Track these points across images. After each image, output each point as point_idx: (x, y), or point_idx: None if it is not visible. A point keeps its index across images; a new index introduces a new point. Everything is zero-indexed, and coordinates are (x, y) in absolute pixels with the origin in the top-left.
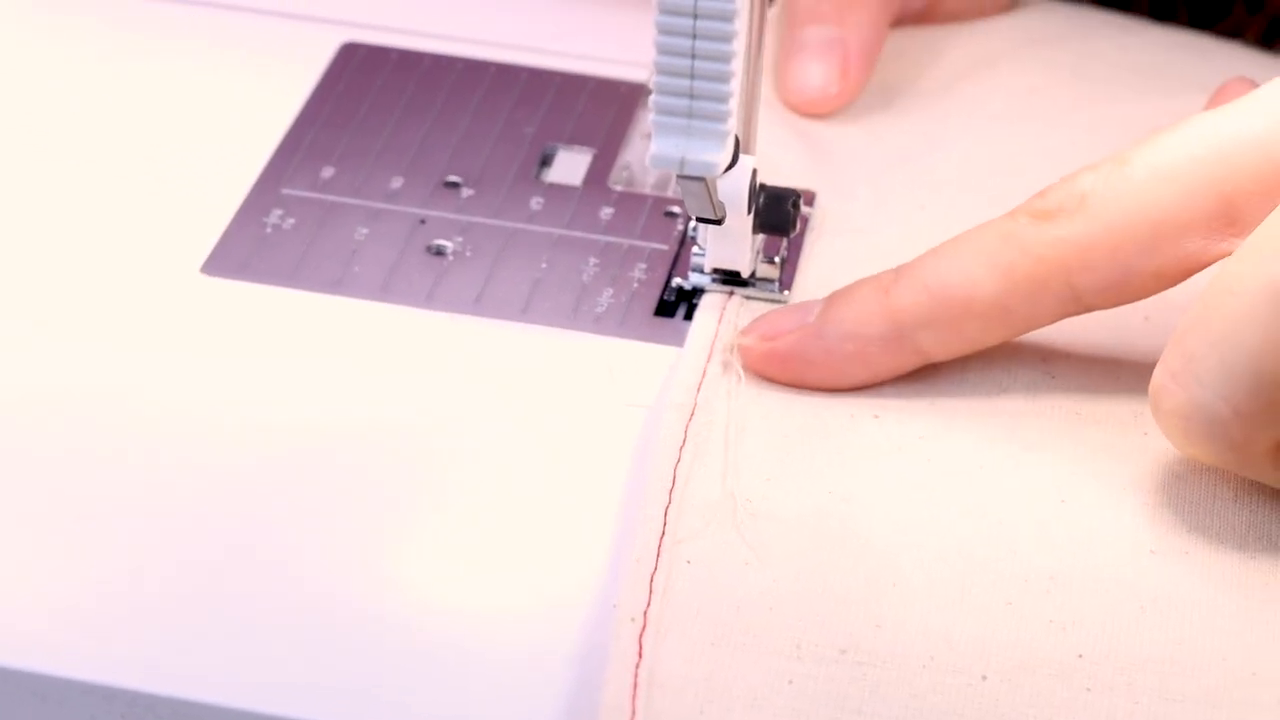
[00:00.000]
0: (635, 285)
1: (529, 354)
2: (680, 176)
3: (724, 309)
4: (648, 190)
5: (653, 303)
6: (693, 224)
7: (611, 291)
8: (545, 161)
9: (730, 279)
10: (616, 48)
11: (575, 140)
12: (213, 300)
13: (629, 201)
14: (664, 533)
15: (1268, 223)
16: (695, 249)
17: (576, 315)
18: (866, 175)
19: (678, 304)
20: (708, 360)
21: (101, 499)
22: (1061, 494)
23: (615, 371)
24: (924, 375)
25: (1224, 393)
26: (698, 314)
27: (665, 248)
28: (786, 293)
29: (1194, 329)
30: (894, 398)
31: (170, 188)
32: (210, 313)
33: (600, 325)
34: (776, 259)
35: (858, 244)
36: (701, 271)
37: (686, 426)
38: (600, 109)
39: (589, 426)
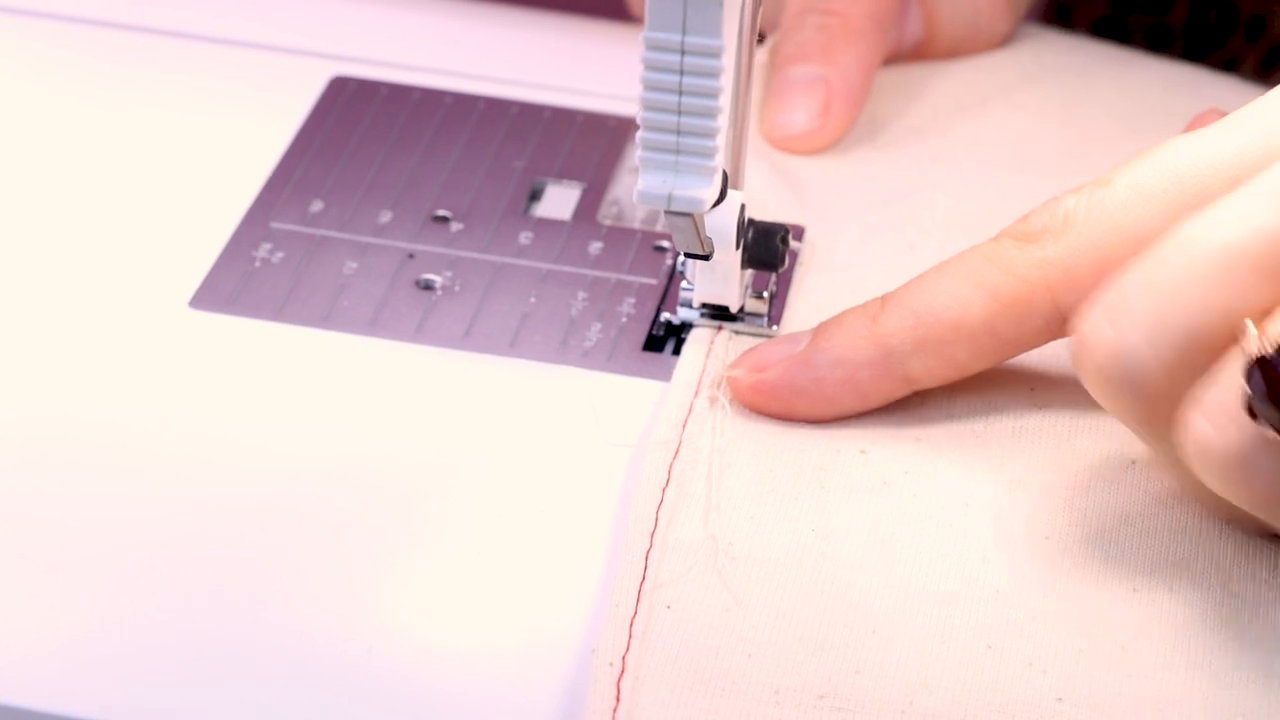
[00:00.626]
0: (624, 320)
1: (517, 389)
2: (668, 212)
3: (712, 344)
4: (636, 225)
5: (641, 337)
6: (681, 259)
7: (600, 326)
8: (534, 196)
9: (719, 314)
10: (605, 81)
11: (564, 175)
12: (201, 335)
13: (618, 236)
14: (644, 576)
15: (1234, 191)
16: (684, 284)
17: (565, 350)
18: (855, 212)
19: (666, 339)
20: (694, 396)
21: (88, 535)
22: (1046, 530)
23: (599, 409)
24: (911, 406)
25: (1153, 340)
26: (685, 348)
27: (654, 282)
28: (775, 327)
29: (1138, 277)
30: (881, 429)
31: (159, 221)
32: (198, 347)
33: (588, 360)
34: (765, 294)
35: (846, 279)
36: (690, 306)
37: (670, 465)
38: (589, 143)
39: (577, 463)
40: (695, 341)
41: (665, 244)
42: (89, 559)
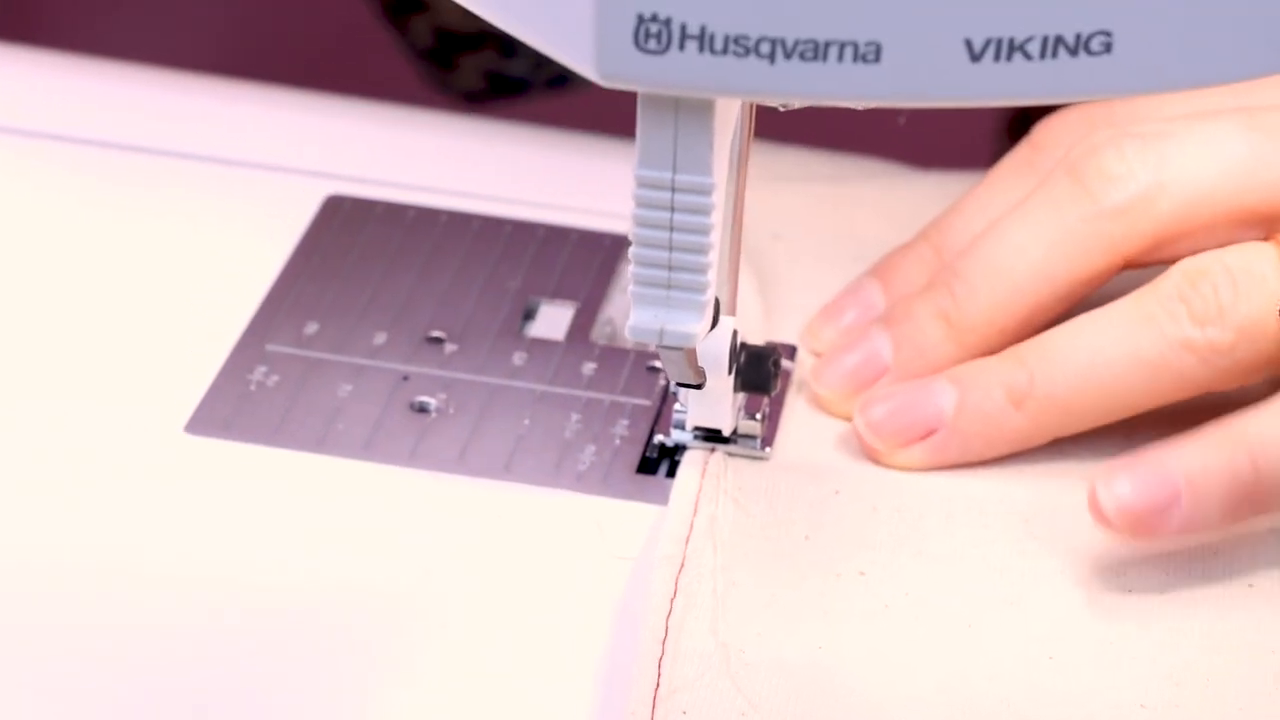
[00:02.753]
0: (617, 442)
1: (511, 514)
2: (660, 347)
3: (706, 464)
4: (630, 345)
5: (635, 460)
6: (674, 383)
7: (594, 449)
8: (528, 315)
9: (712, 436)
10: (599, 198)
11: (558, 294)
12: (196, 460)
13: (611, 356)
14: (658, 684)
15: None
16: (677, 405)
17: (559, 473)
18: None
19: (660, 461)
20: (693, 514)
21: (80, 661)
22: (1049, 650)
23: (603, 528)
24: (912, 518)
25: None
26: (681, 469)
27: (648, 403)
28: (769, 449)
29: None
30: (881, 549)
31: (153, 343)
32: (194, 472)
33: (583, 483)
34: (758, 416)
35: None
36: (684, 429)
37: (677, 578)
38: (583, 262)
39: (572, 587)
40: (690, 463)
41: (659, 364)
42: (82, 685)
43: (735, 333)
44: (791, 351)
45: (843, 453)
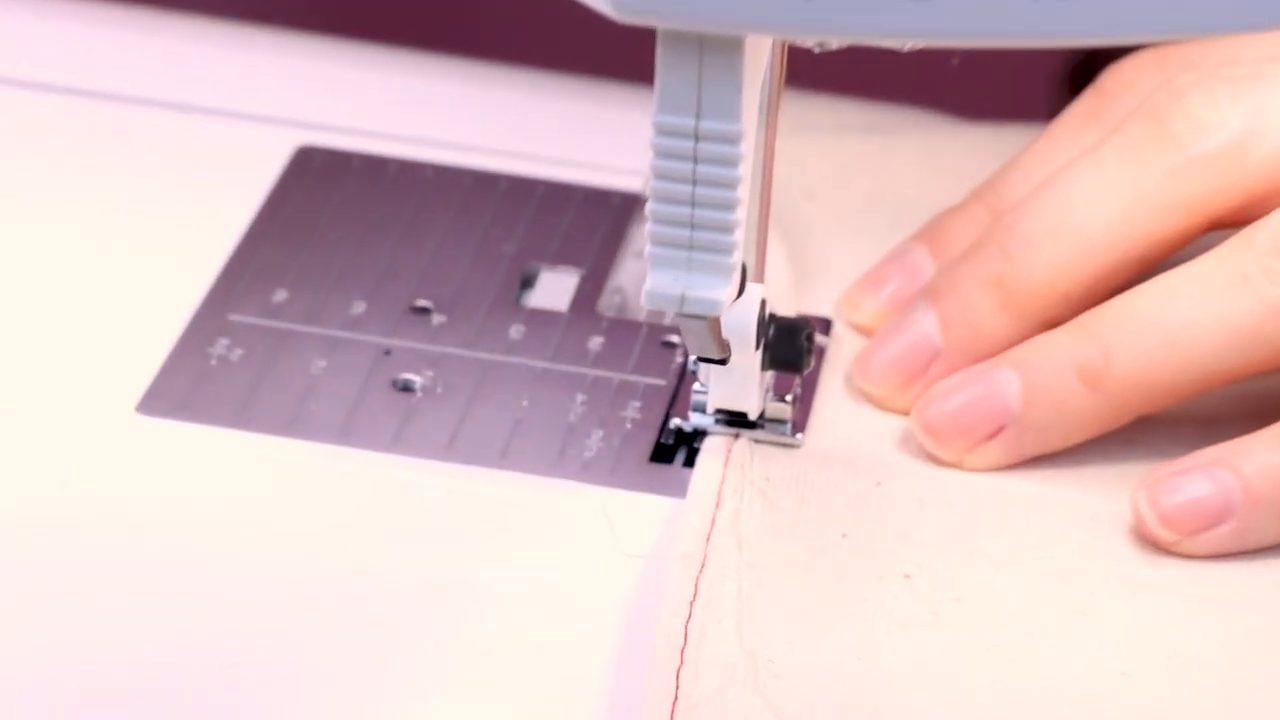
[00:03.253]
0: (628, 427)
1: (508, 506)
2: (680, 314)
3: (730, 452)
4: (642, 317)
5: (648, 447)
6: (693, 358)
7: (601, 434)
8: (527, 283)
9: (736, 420)
10: (608, 153)
11: (561, 260)
12: (149, 444)
13: (621, 330)
14: (676, 696)
15: None
16: (696, 385)
17: (562, 461)
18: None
19: (676, 448)
20: (715, 508)
21: (25, 652)
22: (1122, 666)
23: (613, 522)
24: (963, 513)
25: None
26: (701, 457)
27: (662, 383)
28: (800, 435)
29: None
30: (929, 549)
31: (101, 313)
32: (147, 458)
33: (588, 473)
34: (789, 398)
35: None
36: (703, 412)
37: (697, 579)
38: (589, 223)
39: (576, 589)
40: (711, 450)
41: (675, 339)
42: (26, 673)
43: (764, 302)
44: (826, 325)
45: (884, 440)
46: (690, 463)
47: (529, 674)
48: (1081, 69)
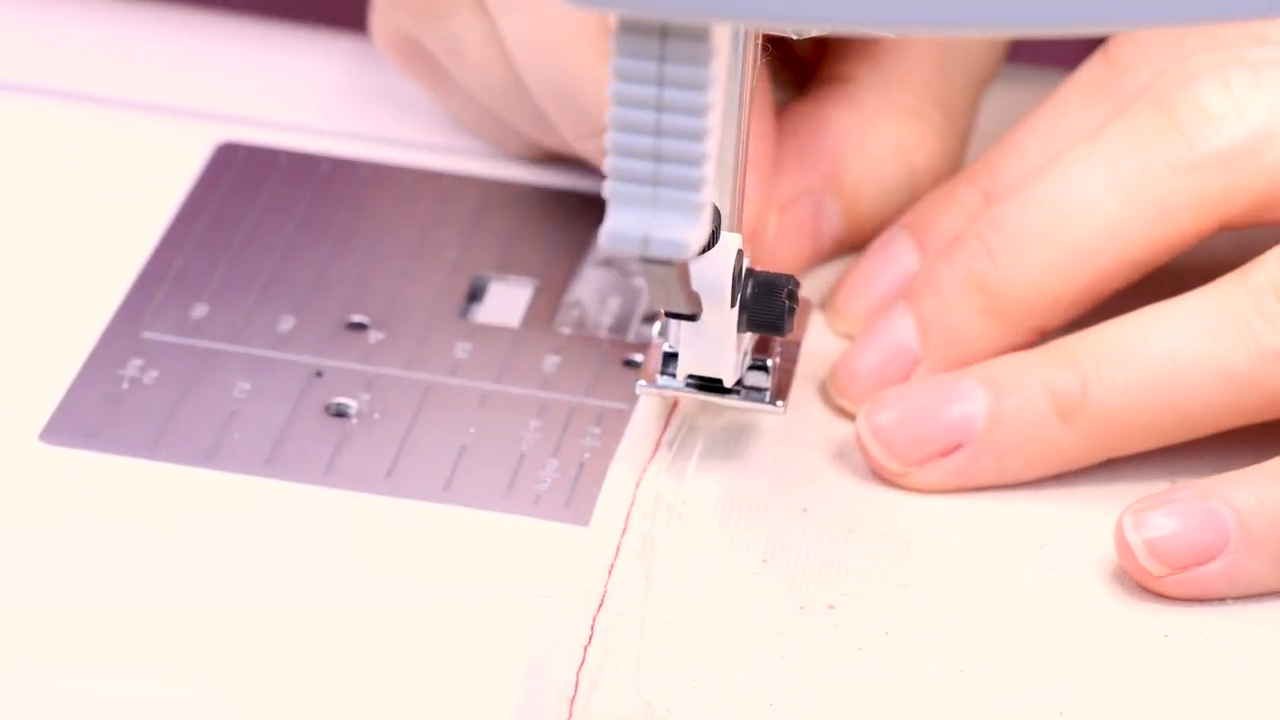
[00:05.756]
0: (586, 456)
1: (451, 543)
2: (644, 260)
3: (644, 470)
4: (603, 333)
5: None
6: (661, 319)
7: (556, 464)
8: (474, 296)
9: (709, 386)
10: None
11: (512, 269)
12: (54, 475)
13: (579, 348)
14: None
15: None
16: (666, 345)
17: (512, 494)
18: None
19: None
20: (622, 535)
21: None
22: (1061, 705)
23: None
24: (897, 542)
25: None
26: (610, 475)
27: (624, 407)
28: (780, 403)
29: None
30: (857, 578)
31: (0, 330)
32: (51, 491)
33: (541, 507)
34: (769, 363)
35: None
36: (673, 376)
37: (594, 620)
38: (545, 227)
39: (524, 634)
40: (621, 468)
41: (638, 358)
42: None
43: (740, 254)
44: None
45: (823, 448)
46: None
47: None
48: None
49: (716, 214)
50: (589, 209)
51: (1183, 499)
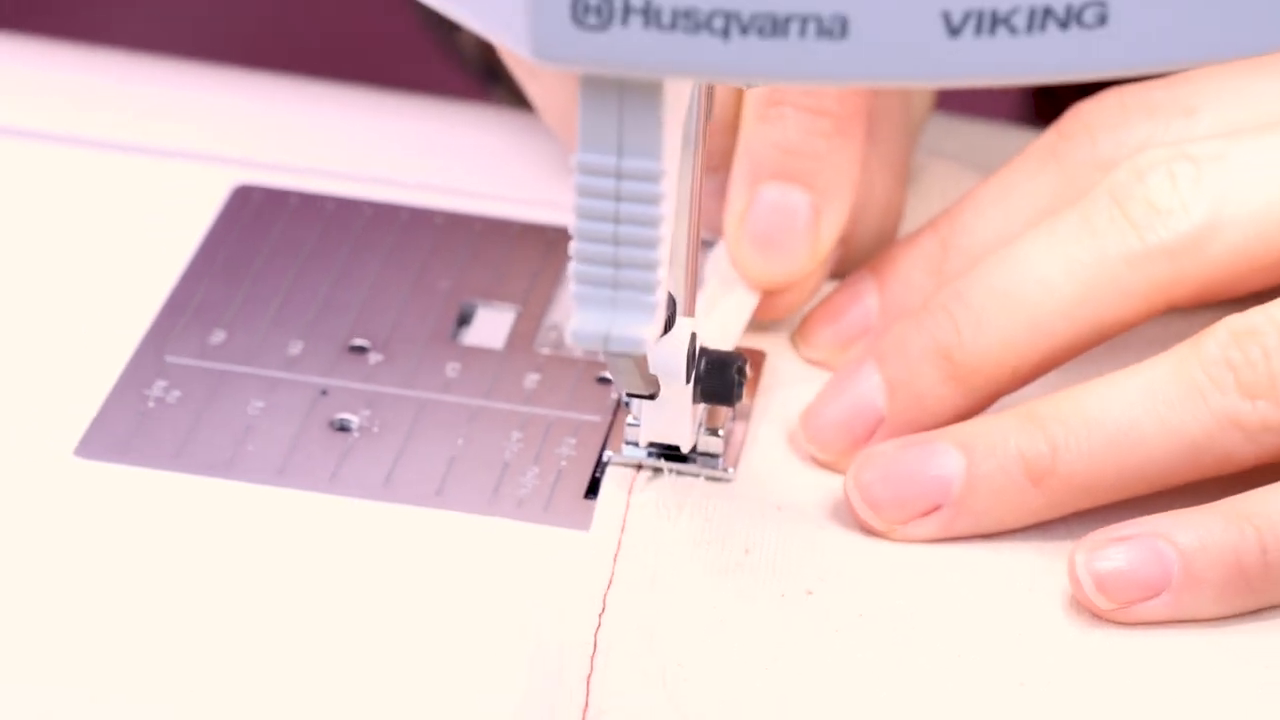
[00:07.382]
0: (563, 464)
1: (444, 544)
2: (605, 353)
3: (633, 479)
4: (578, 354)
5: (583, 484)
6: (624, 394)
7: (537, 471)
8: (463, 320)
9: (668, 454)
10: (545, 187)
11: (497, 296)
12: (88, 487)
13: (556, 367)
14: (587, 704)
15: None
16: (629, 419)
17: (497, 499)
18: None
19: None
20: (621, 531)
21: None
22: (1020, 676)
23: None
24: (873, 532)
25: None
26: (605, 485)
27: (597, 419)
28: (732, 470)
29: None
30: (831, 564)
31: (38, 356)
32: (86, 501)
33: (524, 510)
34: (720, 431)
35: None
36: (636, 445)
37: (605, 595)
38: (525, 259)
39: (512, 627)
40: (614, 479)
41: (610, 375)
42: None
43: (694, 336)
44: (760, 359)
45: (814, 488)
46: None
47: (463, 713)
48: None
49: (672, 302)
50: (564, 242)
51: (1131, 536)
